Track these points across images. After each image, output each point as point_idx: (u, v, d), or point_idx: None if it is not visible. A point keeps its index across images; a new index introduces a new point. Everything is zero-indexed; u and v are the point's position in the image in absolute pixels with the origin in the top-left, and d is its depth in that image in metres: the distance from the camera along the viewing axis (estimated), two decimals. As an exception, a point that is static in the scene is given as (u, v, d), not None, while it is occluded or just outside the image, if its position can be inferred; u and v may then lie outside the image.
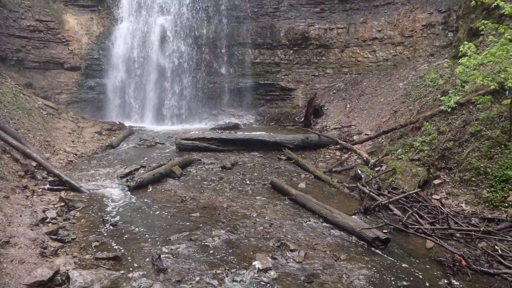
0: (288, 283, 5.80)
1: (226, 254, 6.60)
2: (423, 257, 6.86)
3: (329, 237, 7.46)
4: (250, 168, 12.14)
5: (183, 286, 5.64)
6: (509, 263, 6.69)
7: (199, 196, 9.48)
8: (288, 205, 9.07)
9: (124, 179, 10.69)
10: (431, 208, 8.85)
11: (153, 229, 7.51)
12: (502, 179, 8.62)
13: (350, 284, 5.85)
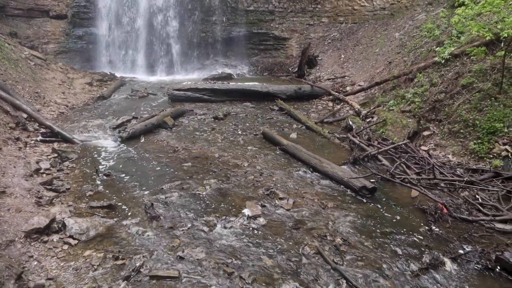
0: (276, 229, 6.06)
1: (217, 202, 6.81)
2: (407, 206, 7.13)
3: (318, 186, 7.68)
4: (242, 118, 12.18)
5: (175, 232, 5.87)
6: (487, 211, 7.00)
7: (191, 146, 9.58)
8: (279, 155, 9.23)
9: (116, 130, 10.71)
10: (418, 159, 9.06)
11: (146, 179, 7.66)
12: (490, 131, 8.76)
13: (335, 230, 6.12)
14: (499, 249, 5.76)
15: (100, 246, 5.46)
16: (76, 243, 5.49)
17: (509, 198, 7.38)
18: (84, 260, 5.12)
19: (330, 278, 5.06)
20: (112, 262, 5.09)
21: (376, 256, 5.57)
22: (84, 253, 5.29)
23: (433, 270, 5.35)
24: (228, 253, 5.42)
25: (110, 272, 4.91)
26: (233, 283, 4.82)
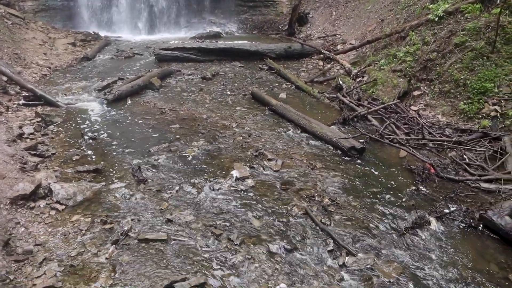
0: (264, 190, 6.06)
1: (205, 164, 6.76)
2: (396, 166, 7.16)
3: (307, 146, 7.65)
4: (231, 78, 11.93)
5: (163, 195, 5.84)
6: (474, 171, 7.07)
7: (178, 107, 9.40)
8: (268, 116, 9.12)
9: (102, 92, 10.42)
10: (408, 119, 9.03)
11: (133, 142, 7.54)
12: (480, 91, 8.70)
13: (323, 190, 6.15)
14: (483, 208, 5.87)
15: (88, 211, 5.42)
16: (64, 209, 5.44)
17: (495, 158, 7.45)
18: (72, 225, 5.09)
19: (318, 238, 5.12)
20: (100, 227, 5.08)
21: (364, 216, 5.64)
22: (72, 218, 5.25)
23: (419, 229, 5.44)
24: (216, 214, 5.44)
25: (99, 237, 4.91)
26: (221, 244, 4.86)
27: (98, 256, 4.59)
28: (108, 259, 4.54)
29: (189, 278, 4.24)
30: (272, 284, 4.31)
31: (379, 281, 4.50)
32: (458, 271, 4.81)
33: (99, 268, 4.40)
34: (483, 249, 5.24)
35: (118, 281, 4.22)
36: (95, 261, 4.51)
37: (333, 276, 4.52)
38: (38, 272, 4.27)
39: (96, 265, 4.45)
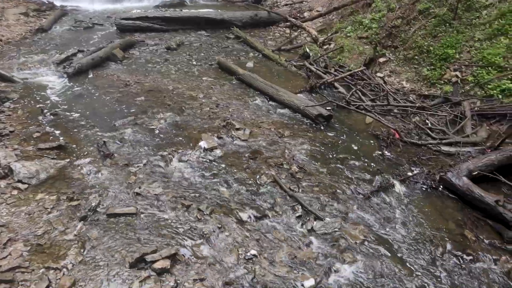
0: (233, 160, 6.07)
1: (172, 136, 6.66)
2: (362, 132, 7.31)
3: (275, 115, 7.66)
4: (196, 48, 11.64)
5: (131, 169, 5.73)
6: (435, 135, 7.34)
7: (143, 79, 9.13)
8: (235, 85, 9.03)
9: (61, 65, 9.90)
10: (374, 86, 9.17)
11: (97, 116, 7.29)
12: (442, 57, 8.91)
13: (292, 158, 6.23)
14: (443, 170, 6.12)
15: (53, 189, 5.25)
16: (26, 188, 5.24)
17: (456, 122, 7.74)
18: (36, 204, 4.93)
19: (287, 205, 5.22)
20: (67, 204, 4.95)
21: (331, 181, 5.77)
22: (36, 197, 5.07)
23: (383, 192, 5.64)
24: (185, 186, 5.42)
25: (65, 214, 4.78)
26: (191, 215, 4.86)
27: (66, 233, 4.49)
28: (76, 236, 4.45)
29: (160, 250, 4.24)
30: (243, 251, 4.38)
31: (346, 243, 4.67)
32: (419, 230, 5.05)
33: (68, 246, 4.31)
34: (442, 208, 5.51)
35: (88, 257, 4.17)
36: (63, 239, 4.41)
37: (302, 241, 4.65)
38: (3, 253, 4.14)
39: (64, 243, 4.36)
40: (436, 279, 4.38)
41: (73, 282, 3.82)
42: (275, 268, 4.21)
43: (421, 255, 4.68)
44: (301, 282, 4.04)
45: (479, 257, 4.75)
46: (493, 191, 5.77)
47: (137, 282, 3.89)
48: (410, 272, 4.42)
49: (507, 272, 4.58)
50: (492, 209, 5.35)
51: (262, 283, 4.00)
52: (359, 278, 4.23)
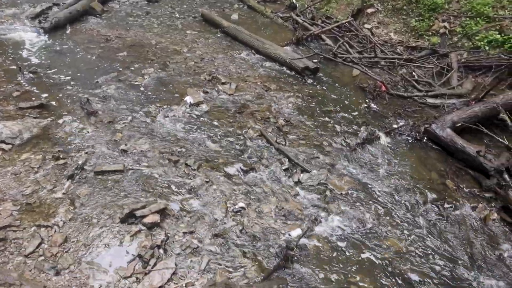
0: (219, 115, 6.03)
1: (157, 92, 6.54)
2: (348, 85, 7.29)
3: (261, 68, 7.55)
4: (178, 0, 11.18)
5: (116, 126, 5.65)
6: (422, 87, 7.36)
7: (125, 34, 8.80)
8: (220, 38, 8.79)
9: (36, 20, 9.40)
10: (361, 38, 9.04)
11: (78, 73, 7.06)
12: (431, 7, 8.75)
13: (278, 112, 6.22)
14: (427, 122, 6.21)
15: (38, 148, 5.16)
16: (10, 148, 5.13)
17: (442, 74, 7.75)
18: (22, 164, 4.86)
19: (274, 158, 5.27)
20: (53, 163, 4.89)
21: (317, 134, 5.82)
22: (21, 157, 4.99)
23: (369, 144, 5.72)
24: (172, 142, 5.40)
25: (52, 173, 4.74)
26: (179, 170, 4.89)
27: (55, 192, 4.47)
28: (65, 194, 4.45)
29: (149, 205, 4.28)
30: (231, 204, 4.47)
31: (332, 194, 4.79)
32: (403, 180, 5.20)
33: (57, 204, 4.31)
34: (426, 159, 5.64)
35: (78, 214, 4.20)
36: (52, 197, 4.40)
37: (289, 193, 4.75)
38: (-8, 213, 4.15)
39: (53, 201, 4.35)
40: (418, 226, 4.57)
41: (65, 238, 3.87)
42: (263, 220, 4.33)
43: (404, 204, 4.84)
44: (288, 232, 4.18)
45: (459, 205, 4.94)
46: (475, 142, 5.92)
47: (128, 237, 3.96)
48: (393, 220, 4.60)
49: (483, 218, 4.79)
50: (473, 160, 5.50)
51: (251, 234, 4.12)
52: (344, 228, 4.38)
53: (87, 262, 3.68)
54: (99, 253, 3.79)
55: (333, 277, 3.81)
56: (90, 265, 3.66)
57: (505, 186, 5.06)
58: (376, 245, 4.25)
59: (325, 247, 4.11)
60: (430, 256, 4.24)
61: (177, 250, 3.88)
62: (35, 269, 3.56)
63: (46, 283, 3.45)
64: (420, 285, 3.90)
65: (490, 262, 4.31)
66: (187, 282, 3.59)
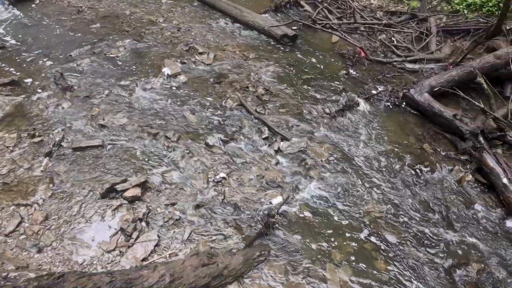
0: (198, 86, 5.95)
1: (133, 64, 6.38)
2: (328, 51, 7.24)
3: (239, 37, 7.41)
4: (152, -33, 10.73)
5: (93, 101, 5.53)
6: (401, 52, 7.35)
7: (97, 4, 8.47)
8: (197, 7, 8.56)
9: (-1, -9, 8.96)
10: (340, 3, 8.91)
11: (50, 47, 6.79)
12: (410, -31, 8.63)
13: (257, 80, 6.16)
14: (406, 87, 6.25)
15: (12, 126, 5.01)
16: (-17, 128, 5.01)
17: (421, 39, 7.74)
18: (-4, 144, 4.76)
19: (253, 127, 5.26)
20: (29, 141, 4.77)
21: (297, 102, 5.81)
22: (-5, 136, 4.88)
23: (348, 111, 5.75)
24: (151, 115, 5.32)
25: (29, 151, 4.64)
26: (159, 143, 4.85)
27: (32, 170, 4.40)
28: (43, 171, 4.38)
29: (129, 179, 4.27)
30: (212, 174, 4.48)
31: (312, 161, 4.84)
32: (382, 145, 5.28)
33: (36, 182, 4.25)
34: (404, 124, 5.72)
35: (58, 192, 4.15)
36: (30, 176, 4.33)
37: (270, 161, 4.78)
38: (-33, 193, 4.07)
39: (31, 180, 4.28)
40: (396, 190, 4.68)
41: (46, 216, 3.84)
42: (244, 189, 4.37)
43: (383, 169, 4.93)
44: (269, 200, 4.23)
45: (436, 168, 5.07)
46: (452, 106, 6.01)
47: (110, 211, 3.96)
48: (372, 185, 4.69)
49: (459, 180, 4.93)
50: (450, 123, 5.60)
51: (232, 203, 4.17)
52: (324, 194, 4.46)
53: (69, 238, 3.68)
54: (81, 229, 3.78)
55: (314, 241, 3.91)
56: (73, 241, 3.67)
57: (480, 148, 5.19)
58: (356, 209, 4.35)
59: (306, 213, 4.19)
60: (408, 217, 4.37)
61: (159, 222, 3.90)
62: (17, 248, 3.55)
63: (29, 261, 3.45)
64: (399, 245, 4.03)
65: (464, 221, 4.48)
66: (171, 252, 3.63)
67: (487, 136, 5.40)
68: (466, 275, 3.88)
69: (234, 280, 3.44)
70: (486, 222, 4.53)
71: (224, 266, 3.38)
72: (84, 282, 2.82)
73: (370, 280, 3.65)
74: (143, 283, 2.98)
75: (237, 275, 3.44)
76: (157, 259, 3.54)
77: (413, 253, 4.00)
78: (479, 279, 3.85)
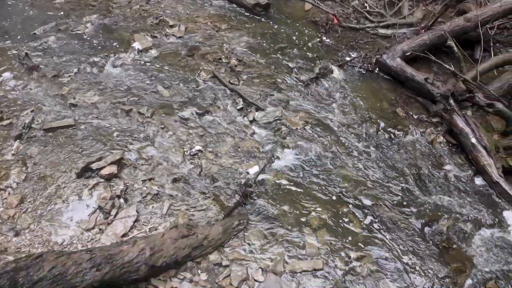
0: (170, 59, 5.83)
1: (102, 40, 6.17)
2: (301, 20, 7.17)
3: (210, 8, 7.24)
4: None
5: (62, 80, 5.35)
6: (373, 18, 7.35)
7: (59, -23, 8.06)
8: (165, -22, 8.26)
9: None
10: (313, -31, 8.73)
11: (10, 25, 6.44)
12: None
13: (230, 52, 6.08)
14: (379, 52, 6.28)
15: (-24, 111, 4.85)
16: None
17: (394, 3, 7.73)
18: (-39, 129, 4.58)
19: (228, 99, 5.24)
20: (-3, 125, 4.64)
21: (271, 72, 5.79)
22: (-41, 121, 4.69)
23: (323, 79, 5.78)
24: (123, 91, 5.22)
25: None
26: (133, 119, 4.78)
27: (3, 154, 4.26)
28: (15, 155, 4.26)
29: (105, 157, 4.22)
30: (188, 148, 4.48)
31: (288, 130, 4.88)
32: (356, 111, 5.36)
33: (8, 166, 4.14)
34: (377, 90, 5.80)
35: (32, 174, 4.07)
36: (1, 160, 4.20)
37: (245, 132, 4.80)
38: None
39: (3, 164, 4.15)
40: (370, 154, 4.80)
41: (21, 199, 3.78)
42: (220, 160, 4.39)
43: (357, 134, 5.03)
44: (246, 170, 4.28)
45: (408, 131, 5.20)
46: (424, 70, 6.10)
47: (87, 190, 3.93)
48: (347, 150, 4.79)
49: (430, 141, 5.08)
50: (422, 87, 5.71)
51: (209, 175, 4.20)
52: (300, 161, 4.54)
53: (47, 220, 3.66)
54: (58, 209, 3.76)
55: (292, 208, 4.00)
56: (51, 222, 3.65)
57: (450, 111, 5.33)
58: (332, 175, 4.46)
59: (283, 181, 4.26)
60: (382, 180, 4.51)
61: (137, 198, 3.91)
62: (-7, 233, 3.51)
63: (7, 245, 3.42)
64: (373, 207, 4.17)
65: (436, 181, 4.65)
66: (150, 227, 3.67)
67: (457, 98, 5.54)
68: (437, 232, 4.07)
69: (214, 250, 3.51)
70: (456, 181, 4.73)
71: (204, 236, 3.44)
72: (63, 260, 2.82)
73: (347, 242, 3.78)
74: (124, 258, 3.01)
75: (217, 245, 3.51)
76: (137, 234, 3.57)
77: (388, 213, 4.15)
78: (449, 234, 4.05)
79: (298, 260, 3.55)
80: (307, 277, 3.44)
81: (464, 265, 3.79)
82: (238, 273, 3.36)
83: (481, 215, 4.34)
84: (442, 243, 3.96)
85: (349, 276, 3.51)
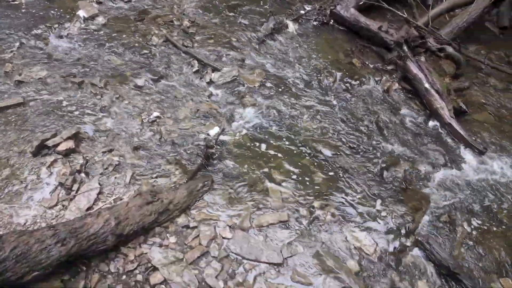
0: (119, 26, 5.58)
1: (43, 10, 5.79)
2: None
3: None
4: None
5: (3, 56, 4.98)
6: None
7: None
8: None
9: None
10: None
11: None
12: None
13: (182, 13, 5.89)
14: (333, 4, 6.23)
15: None
16: None
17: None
18: None
19: (182, 62, 5.12)
20: None
21: (225, 31, 5.67)
22: None
23: (278, 34, 5.71)
24: (72, 63, 4.98)
25: None
26: (85, 91, 4.61)
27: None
28: (-36, 139, 4.07)
29: (60, 133, 4.09)
30: (146, 115, 4.39)
31: (245, 88, 4.85)
32: (312, 64, 5.37)
33: (-44, 151, 3.96)
34: (333, 41, 5.81)
35: (-17, 157, 3.91)
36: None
37: (203, 94, 4.75)
38: None
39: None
40: (328, 105, 4.87)
41: (-24, 186, 3.65)
42: (180, 125, 4.35)
43: (315, 87, 5.07)
44: (206, 131, 4.27)
45: (365, 80, 5.28)
46: (379, 19, 6.13)
47: (45, 169, 3.82)
48: (305, 103, 4.83)
49: (386, 89, 5.20)
50: (376, 36, 5.75)
51: (170, 141, 4.16)
52: (260, 119, 4.55)
53: (6, 202, 3.55)
54: (17, 191, 3.64)
55: (254, 166, 4.05)
56: (10, 204, 3.54)
57: (404, 57, 5.43)
58: (292, 129, 4.51)
59: (243, 140, 4.29)
60: (341, 130, 4.61)
61: (99, 171, 3.85)
62: None
63: (-34, 231, 3.32)
64: (334, 157, 4.29)
65: (393, 127, 4.80)
66: (115, 198, 3.64)
67: (410, 45, 5.64)
68: (395, 175, 4.25)
69: (181, 213, 3.54)
70: (412, 125, 4.90)
71: (169, 201, 3.46)
72: (25, 239, 2.79)
73: (310, 193, 3.90)
74: (89, 230, 3.00)
75: (183, 208, 3.55)
76: (102, 207, 3.54)
77: (348, 162, 4.28)
78: (406, 176, 4.24)
79: (264, 215, 3.64)
80: (274, 229, 3.55)
81: (421, 203, 4.01)
82: (206, 232, 3.42)
83: (435, 155, 4.56)
84: (401, 185, 4.15)
85: (314, 224, 3.64)
